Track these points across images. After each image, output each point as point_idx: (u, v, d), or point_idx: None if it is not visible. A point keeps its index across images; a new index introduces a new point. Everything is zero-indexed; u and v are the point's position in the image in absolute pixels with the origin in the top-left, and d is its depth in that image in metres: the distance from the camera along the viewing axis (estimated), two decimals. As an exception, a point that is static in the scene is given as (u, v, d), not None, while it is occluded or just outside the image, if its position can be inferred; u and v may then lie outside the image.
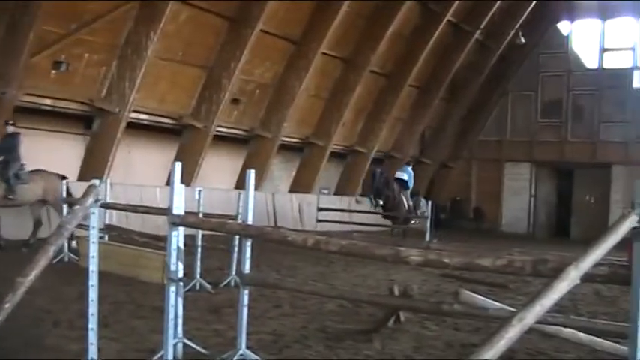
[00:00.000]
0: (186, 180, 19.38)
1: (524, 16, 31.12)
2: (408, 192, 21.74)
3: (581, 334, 6.61)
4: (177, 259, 6.08)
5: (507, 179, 33.63)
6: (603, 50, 32.84)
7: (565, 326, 5.55)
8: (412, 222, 22.09)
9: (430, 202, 22.30)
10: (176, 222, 6.07)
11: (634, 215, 3.41)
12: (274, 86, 24.32)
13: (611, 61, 32.86)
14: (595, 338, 6.43)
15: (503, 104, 34.33)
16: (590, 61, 33.32)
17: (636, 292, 3.39)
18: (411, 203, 21.65)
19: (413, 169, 22.84)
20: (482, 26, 29.85)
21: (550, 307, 3.10)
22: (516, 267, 3.90)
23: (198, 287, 10.60)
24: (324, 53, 24.61)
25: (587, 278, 3.85)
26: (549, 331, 6.71)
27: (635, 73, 32.43)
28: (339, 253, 4.68)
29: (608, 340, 6.17)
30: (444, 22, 27.93)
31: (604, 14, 32.39)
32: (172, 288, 6.09)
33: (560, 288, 2.93)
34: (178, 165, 6.21)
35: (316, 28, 23.75)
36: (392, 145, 30.99)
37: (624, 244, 3.63)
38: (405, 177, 21.84)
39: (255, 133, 24.43)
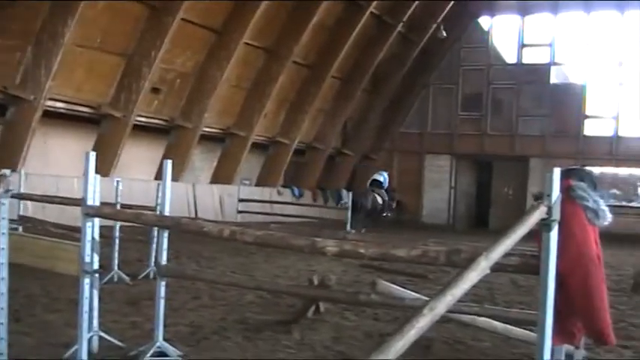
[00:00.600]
0: (105, 170, 19.06)
1: (446, 10, 31.54)
2: (383, 190, 24.76)
3: (496, 323, 6.74)
4: (92, 250, 5.96)
5: (428, 171, 34.05)
6: (522, 46, 33.54)
7: (480, 315, 5.65)
8: (384, 214, 24.92)
9: (351, 194, 22.55)
10: (90, 213, 5.95)
11: (543, 207, 3.47)
12: (195, 76, 24.04)
13: (530, 57, 33.60)
14: (509, 326, 6.57)
15: (425, 97, 34.71)
16: (509, 56, 34.02)
17: (545, 281, 3.46)
18: (386, 198, 24.66)
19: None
20: (404, 19, 30.10)
21: (462, 296, 3.12)
22: (431, 257, 3.94)
23: (116, 279, 10.43)
24: (247, 43, 24.43)
25: (498, 268, 3.90)
26: (466, 321, 6.82)
27: (553, 68, 33.26)
28: (254, 244, 4.65)
29: (521, 328, 6.30)
30: (367, 14, 28.05)
31: (523, 11, 33.07)
32: (86, 280, 5.96)
33: (471, 278, 2.95)
34: (92, 155, 6.08)
35: (238, 18, 23.54)
36: (314, 136, 31.02)
37: (532, 235, 3.70)
38: (381, 178, 25.02)
39: (175, 123, 24.12)
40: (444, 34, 31.37)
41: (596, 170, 32.10)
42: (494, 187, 33.48)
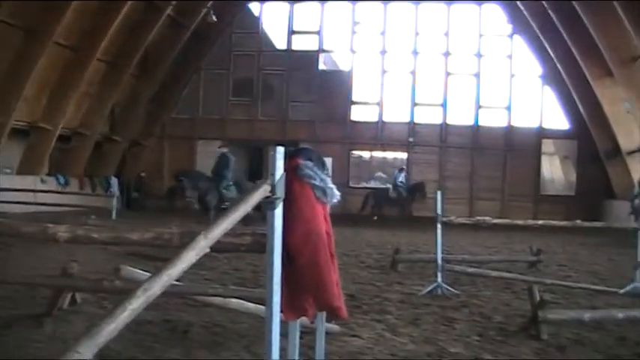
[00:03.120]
0: None
1: (216, -6, 31.47)
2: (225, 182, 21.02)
3: (249, 304, 6.81)
4: None
5: (200, 157, 33.83)
6: (292, 32, 34.22)
7: (225, 297, 5.66)
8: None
9: (119, 181, 21.93)
10: None
11: (266, 185, 3.50)
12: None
13: (299, 44, 34.35)
14: (260, 306, 6.65)
15: (196, 82, 34.50)
16: (279, 43, 34.58)
17: (271, 258, 3.49)
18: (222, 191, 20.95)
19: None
20: (173, 2, 29.65)
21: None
22: (165, 239, 3.90)
23: None
24: (2, 21, 22.96)
25: (232, 248, 3.91)
26: (218, 303, 6.83)
27: (321, 55, 34.25)
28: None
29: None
30: (135, -4, 27.32)
31: (293, -3, 33.82)
32: None
33: (189, 257, 2.91)
34: None
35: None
36: (80, 122, 29.80)
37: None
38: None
39: None
40: (214, 19, 31.31)
41: (365, 154, 33.60)
42: (265, 172, 33.89)
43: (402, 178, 28.90)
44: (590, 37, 25.26)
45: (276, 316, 3.58)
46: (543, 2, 27.70)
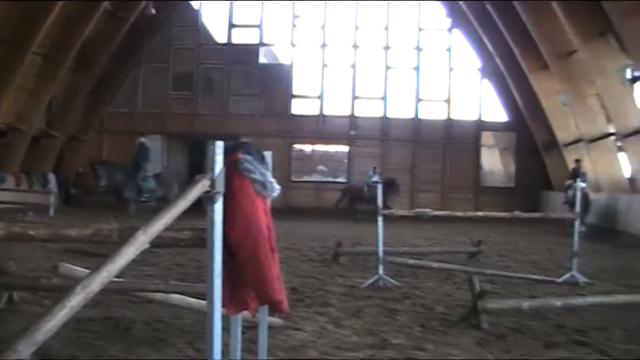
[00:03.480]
0: None
1: (155, -13, 31.08)
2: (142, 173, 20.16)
3: (191, 299, 6.77)
4: None
5: (140, 151, 33.44)
6: (232, 26, 34.01)
7: (167, 292, 5.61)
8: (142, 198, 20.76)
9: (57, 177, 21.47)
10: None
11: (206, 180, 3.47)
12: None
13: (240, 37, 34.18)
14: (203, 301, 6.61)
15: (136, 76, 34.02)
16: (220, 36, 34.34)
17: (212, 253, 3.47)
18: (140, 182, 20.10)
19: None
20: (110, -5, 29.20)
21: (119, 271, 3.03)
22: (104, 235, 3.84)
23: None
24: None
25: (172, 243, 3.88)
26: (159, 299, 6.77)
27: (261, 49, 34.14)
28: None
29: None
30: (71, -13, 26.77)
31: (232, -9, 33.62)
32: None
33: (128, 253, 2.87)
34: None
35: None
36: (16, 116, 29.11)
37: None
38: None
39: None
40: (153, 12, 30.90)
41: (306, 148, 33.61)
42: (207, 167, 33.66)
43: (376, 177, 28.91)
44: (527, 32, 25.70)
45: (218, 311, 3.57)
46: (481, -2, 28.12)
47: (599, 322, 8.16)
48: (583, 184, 23.13)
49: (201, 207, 3.76)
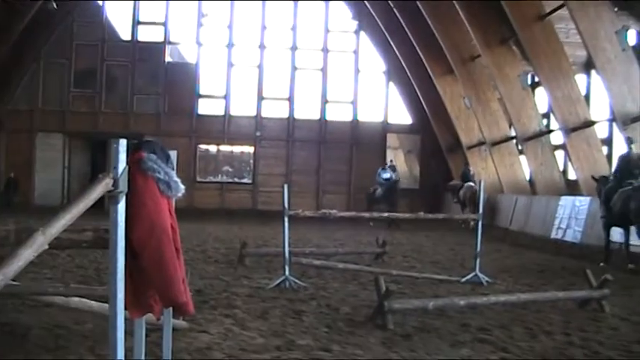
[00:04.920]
0: None
1: (56, -19, 30.17)
2: None
3: (93, 302, 6.56)
4: None
5: (40, 150, 32.45)
6: (137, 23, 33.39)
7: (67, 296, 5.43)
8: None
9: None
10: None
11: (108, 179, 3.35)
12: None
13: (145, 35, 33.59)
14: (105, 305, 6.41)
15: (36, 72, 32.93)
16: (124, 33, 33.65)
17: (115, 254, 3.35)
18: None
19: None
20: (10, -12, 28.21)
21: (17, 272, 2.87)
22: (1, 237, 3.67)
23: None
24: None
25: (72, 244, 3.73)
26: (59, 303, 6.54)
27: (167, 47, 33.65)
28: None
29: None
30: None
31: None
32: None
33: (26, 255, 2.73)
34: None
35: None
36: None
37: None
38: None
39: None
40: (55, 6, 29.98)
41: (212, 148, 33.33)
42: (109, 166, 32.91)
43: (388, 174, 28.26)
44: (432, 36, 26.18)
45: (121, 314, 3.45)
46: (389, 2, 28.40)
47: (502, 320, 8.34)
48: (472, 184, 24.16)
49: (102, 206, 3.62)
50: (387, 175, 28.20)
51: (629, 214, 13.51)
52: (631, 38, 18.01)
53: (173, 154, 4.41)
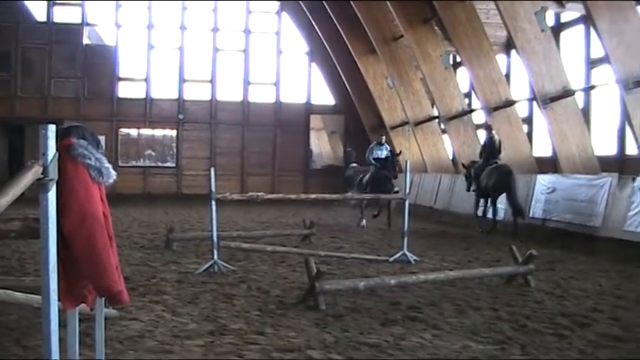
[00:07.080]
0: None
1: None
2: None
3: (18, 294, 6.39)
4: None
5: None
6: (53, 4, 32.45)
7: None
8: None
9: None
10: None
11: (37, 166, 3.24)
12: None
13: (61, 16, 32.68)
14: (31, 296, 6.26)
15: (-54, 56, 31.80)
16: (40, 14, 32.67)
17: (46, 243, 3.25)
18: None
19: None
20: None
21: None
22: None
23: None
24: None
25: (0, 235, 3.60)
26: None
27: (85, 29, 32.84)
28: None
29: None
30: None
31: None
32: None
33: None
34: None
35: None
36: None
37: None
38: None
39: None
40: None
41: (133, 132, 32.78)
42: (27, 152, 32.05)
43: (382, 151, 20.50)
44: (355, 16, 26.22)
45: (54, 306, 3.34)
46: (310, -19, 28.37)
47: (431, 297, 8.48)
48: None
49: (23, 195, 3.47)
50: (383, 152, 20.56)
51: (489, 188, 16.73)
52: (549, 19, 18.37)
53: (102, 139, 4.30)
